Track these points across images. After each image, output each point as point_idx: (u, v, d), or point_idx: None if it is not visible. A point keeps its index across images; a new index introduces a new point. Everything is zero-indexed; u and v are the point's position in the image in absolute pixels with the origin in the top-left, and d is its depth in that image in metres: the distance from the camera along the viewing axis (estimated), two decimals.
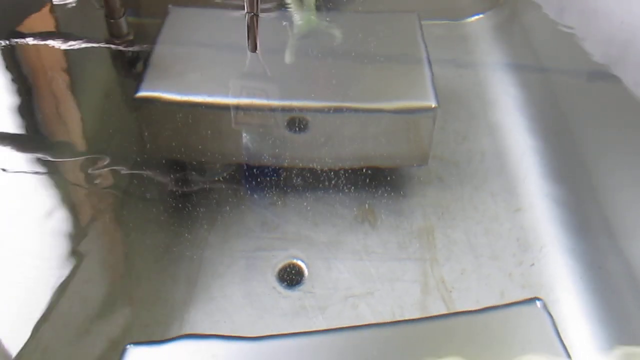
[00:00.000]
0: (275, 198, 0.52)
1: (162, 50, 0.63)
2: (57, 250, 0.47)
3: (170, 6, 0.69)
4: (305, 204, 0.52)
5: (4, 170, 0.52)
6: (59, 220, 0.49)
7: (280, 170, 0.54)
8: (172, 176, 0.54)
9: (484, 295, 0.46)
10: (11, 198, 0.51)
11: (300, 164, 0.55)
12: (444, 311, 0.44)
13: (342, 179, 0.54)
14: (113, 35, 0.66)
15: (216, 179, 0.54)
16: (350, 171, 0.54)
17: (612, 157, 0.56)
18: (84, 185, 0.53)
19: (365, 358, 0.40)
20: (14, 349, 0.40)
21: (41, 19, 0.69)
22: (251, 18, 0.59)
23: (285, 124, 0.58)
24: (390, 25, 0.69)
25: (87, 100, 0.62)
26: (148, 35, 0.66)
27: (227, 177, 0.54)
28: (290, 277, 0.47)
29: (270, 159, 0.55)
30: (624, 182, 0.53)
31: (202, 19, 0.67)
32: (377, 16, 0.70)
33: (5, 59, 0.64)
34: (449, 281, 0.46)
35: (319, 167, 0.54)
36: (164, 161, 0.55)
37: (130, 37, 0.66)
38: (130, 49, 0.65)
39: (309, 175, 0.54)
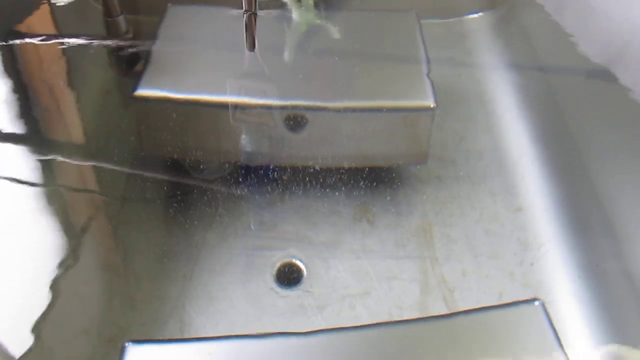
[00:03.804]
0: (273, 197, 0.52)
1: (160, 48, 0.63)
2: (55, 250, 0.47)
3: (169, 4, 0.68)
4: (303, 202, 0.52)
5: (2, 169, 0.52)
6: (57, 219, 0.49)
7: (279, 169, 0.54)
8: (170, 175, 0.54)
9: (484, 294, 0.46)
10: (10, 197, 0.51)
11: (299, 163, 0.55)
12: (444, 310, 0.45)
13: (341, 177, 0.54)
14: (111, 33, 0.66)
15: (214, 177, 0.54)
16: (348, 170, 0.54)
17: (610, 156, 0.56)
18: (82, 184, 0.53)
19: (364, 358, 0.40)
20: (13, 348, 0.40)
21: (39, 18, 0.69)
22: (249, 17, 0.58)
23: (284, 122, 0.58)
24: (388, 24, 0.68)
25: (86, 99, 0.61)
26: (147, 34, 0.66)
27: (225, 175, 0.54)
28: (289, 276, 0.47)
29: (269, 157, 0.55)
30: (623, 181, 0.53)
31: (201, 17, 0.67)
32: (375, 15, 0.70)
33: (3, 57, 0.64)
34: (449, 280, 0.46)
35: (317, 166, 0.54)
36: (161, 160, 0.55)
37: (129, 35, 0.66)
38: (128, 45, 0.65)
39: (307, 174, 0.54)
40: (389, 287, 0.46)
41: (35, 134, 0.57)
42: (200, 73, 0.60)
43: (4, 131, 0.56)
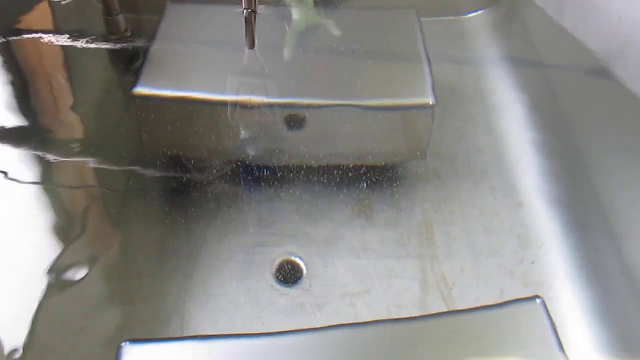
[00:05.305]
0: (272, 194, 0.52)
1: (159, 46, 0.63)
2: (54, 248, 0.47)
3: (168, 3, 0.68)
4: (302, 200, 0.52)
5: (1, 167, 0.52)
6: (56, 217, 0.49)
7: (278, 167, 0.54)
8: (169, 173, 0.54)
9: (483, 292, 0.46)
10: (8, 196, 0.51)
11: (298, 161, 0.55)
12: (443, 308, 0.44)
13: (340, 175, 0.54)
14: (111, 31, 0.66)
15: (214, 175, 0.54)
16: (347, 168, 0.54)
17: (610, 153, 0.56)
18: (81, 182, 0.53)
19: (363, 356, 0.40)
20: (12, 346, 0.40)
21: (39, 16, 0.69)
22: (249, 15, 0.58)
23: (283, 120, 0.58)
24: (388, 22, 0.68)
25: (85, 97, 0.61)
26: (146, 32, 0.66)
27: (225, 173, 0.54)
28: (288, 274, 0.47)
29: (268, 155, 0.55)
30: (623, 178, 0.53)
31: (200, 16, 0.67)
32: (375, 12, 0.70)
33: (3, 55, 0.64)
34: (448, 278, 0.46)
35: (316, 163, 0.54)
36: (161, 158, 0.55)
37: (128, 34, 0.66)
38: (128, 44, 0.65)
39: (306, 171, 0.54)
40: (389, 285, 0.46)
41: (34, 132, 0.57)
42: (200, 71, 0.60)
43: (3, 129, 0.56)
